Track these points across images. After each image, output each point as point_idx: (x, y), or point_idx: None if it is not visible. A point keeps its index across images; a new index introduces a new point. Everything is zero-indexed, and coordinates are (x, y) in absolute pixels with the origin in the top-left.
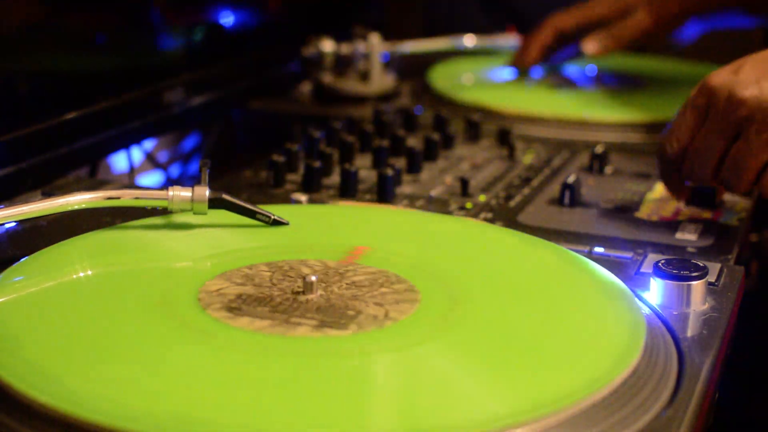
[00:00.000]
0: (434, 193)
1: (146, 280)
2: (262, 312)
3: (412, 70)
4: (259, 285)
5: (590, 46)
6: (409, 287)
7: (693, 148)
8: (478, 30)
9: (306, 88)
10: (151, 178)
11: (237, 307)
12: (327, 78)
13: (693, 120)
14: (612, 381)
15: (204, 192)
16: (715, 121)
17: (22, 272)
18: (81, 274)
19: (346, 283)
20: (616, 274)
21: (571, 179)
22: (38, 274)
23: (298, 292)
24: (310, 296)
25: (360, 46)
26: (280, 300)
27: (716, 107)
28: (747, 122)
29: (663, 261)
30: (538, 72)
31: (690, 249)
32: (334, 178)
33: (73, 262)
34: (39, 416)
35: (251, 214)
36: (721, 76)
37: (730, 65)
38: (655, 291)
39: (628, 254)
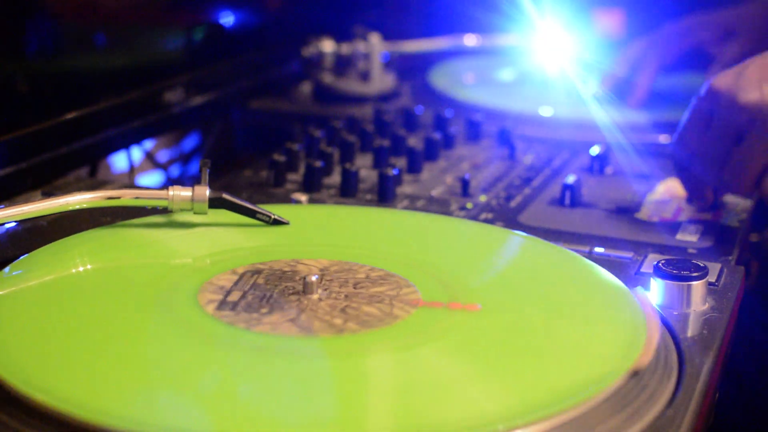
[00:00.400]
0: (435, 193)
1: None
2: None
3: (412, 70)
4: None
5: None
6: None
7: (700, 153)
8: (478, 30)
9: (306, 88)
10: (151, 178)
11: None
12: (327, 78)
13: (700, 124)
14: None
15: (204, 191)
16: (719, 127)
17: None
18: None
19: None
20: (616, 275)
21: (571, 179)
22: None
23: (297, 291)
24: (301, 296)
25: (360, 46)
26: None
27: (719, 112)
28: (748, 126)
29: (663, 261)
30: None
31: (690, 250)
32: (335, 178)
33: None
34: (36, 415)
35: (251, 214)
36: (724, 80)
37: (735, 67)
38: (655, 291)
39: (629, 254)
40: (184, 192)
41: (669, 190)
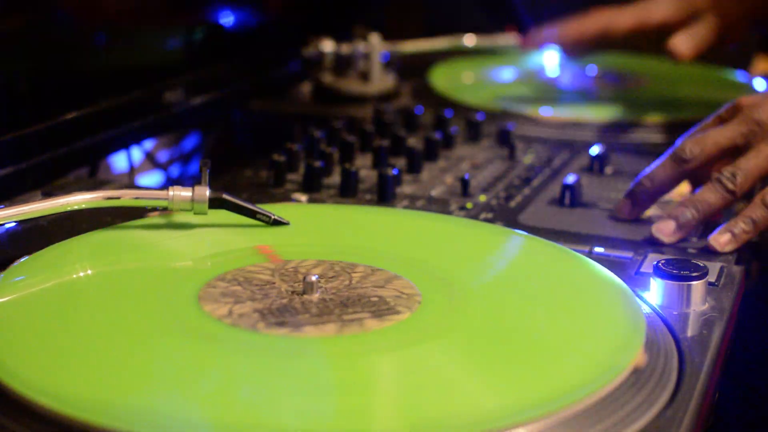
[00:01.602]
0: (434, 193)
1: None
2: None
3: (412, 70)
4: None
5: (682, 46)
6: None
7: (704, 136)
8: (478, 30)
9: (306, 88)
10: (151, 178)
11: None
12: (327, 78)
13: (712, 127)
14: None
15: (204, 192)
16: (736, 122)
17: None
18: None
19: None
20: (616, 274)
21: (571, 180)
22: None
23: (297, 292)
24: (307, 297)
25: (360, 46)
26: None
27: (740, 111)
28: (762, 130)
29: (663, 261)
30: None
31: (690, 250)
32: (335, 178)
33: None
34: (38, 418)
35: (252, 214)
36: (752, 97)
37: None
38: (655, 291)
39: (628, 254)
40: (184, 192)
41: None
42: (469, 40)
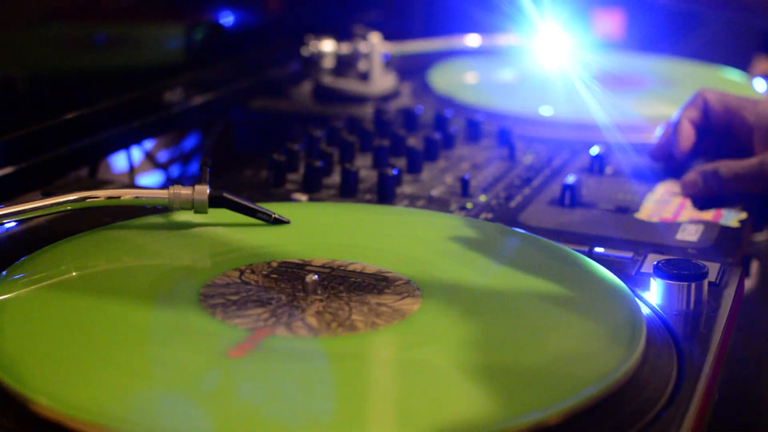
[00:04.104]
0: (434, 193)
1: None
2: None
3: (412, 70)
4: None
5: None
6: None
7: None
8: (478, 30)
9: (306, 88)
10: (151, 178)
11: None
12: (327, 78)
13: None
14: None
15: (205, 190)
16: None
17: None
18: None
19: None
20: (616, 275)
21: (571, 180)
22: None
23: (297, 292)
24: (307, 297)
25: (360, 46)
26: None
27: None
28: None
29: (663, 261)
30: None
31: (690, 250)
32: (335, 178)
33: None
34: (36, 417)
35: (252, 213)
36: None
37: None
38: (655, 291)
39: (628, 254)
40: (185, 191)
41: (669, 190)
42: (469, 40)
